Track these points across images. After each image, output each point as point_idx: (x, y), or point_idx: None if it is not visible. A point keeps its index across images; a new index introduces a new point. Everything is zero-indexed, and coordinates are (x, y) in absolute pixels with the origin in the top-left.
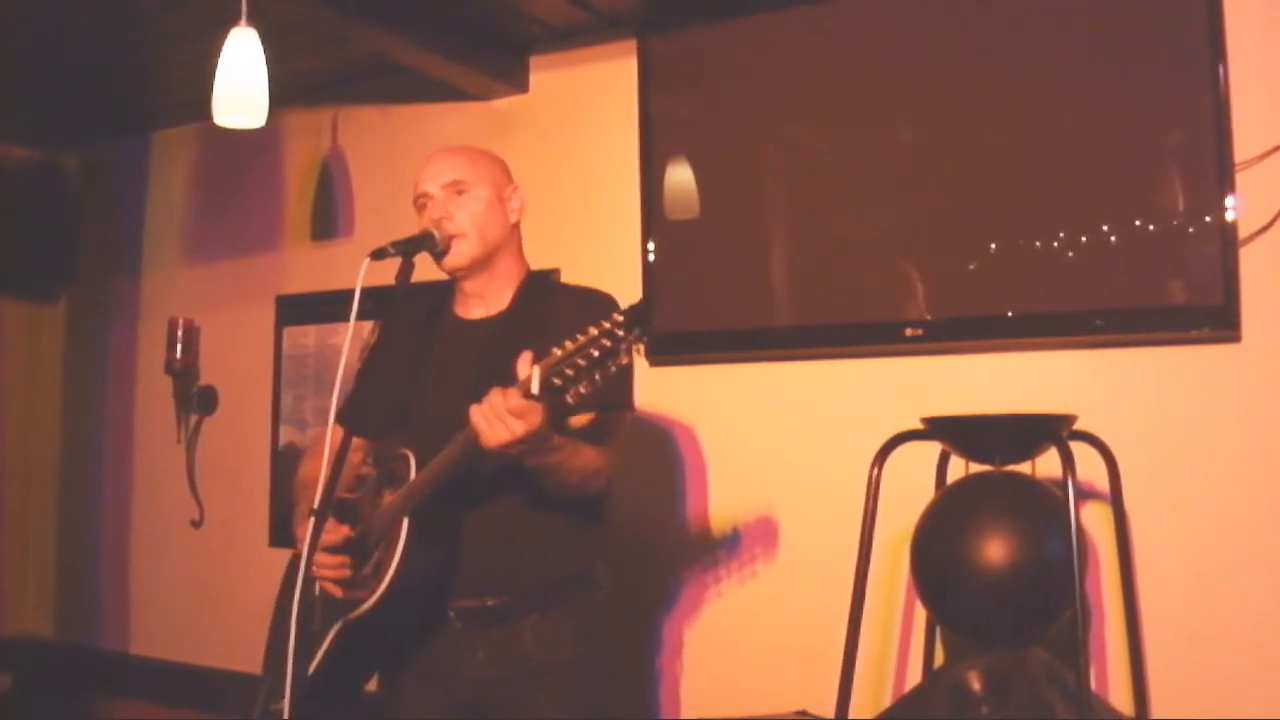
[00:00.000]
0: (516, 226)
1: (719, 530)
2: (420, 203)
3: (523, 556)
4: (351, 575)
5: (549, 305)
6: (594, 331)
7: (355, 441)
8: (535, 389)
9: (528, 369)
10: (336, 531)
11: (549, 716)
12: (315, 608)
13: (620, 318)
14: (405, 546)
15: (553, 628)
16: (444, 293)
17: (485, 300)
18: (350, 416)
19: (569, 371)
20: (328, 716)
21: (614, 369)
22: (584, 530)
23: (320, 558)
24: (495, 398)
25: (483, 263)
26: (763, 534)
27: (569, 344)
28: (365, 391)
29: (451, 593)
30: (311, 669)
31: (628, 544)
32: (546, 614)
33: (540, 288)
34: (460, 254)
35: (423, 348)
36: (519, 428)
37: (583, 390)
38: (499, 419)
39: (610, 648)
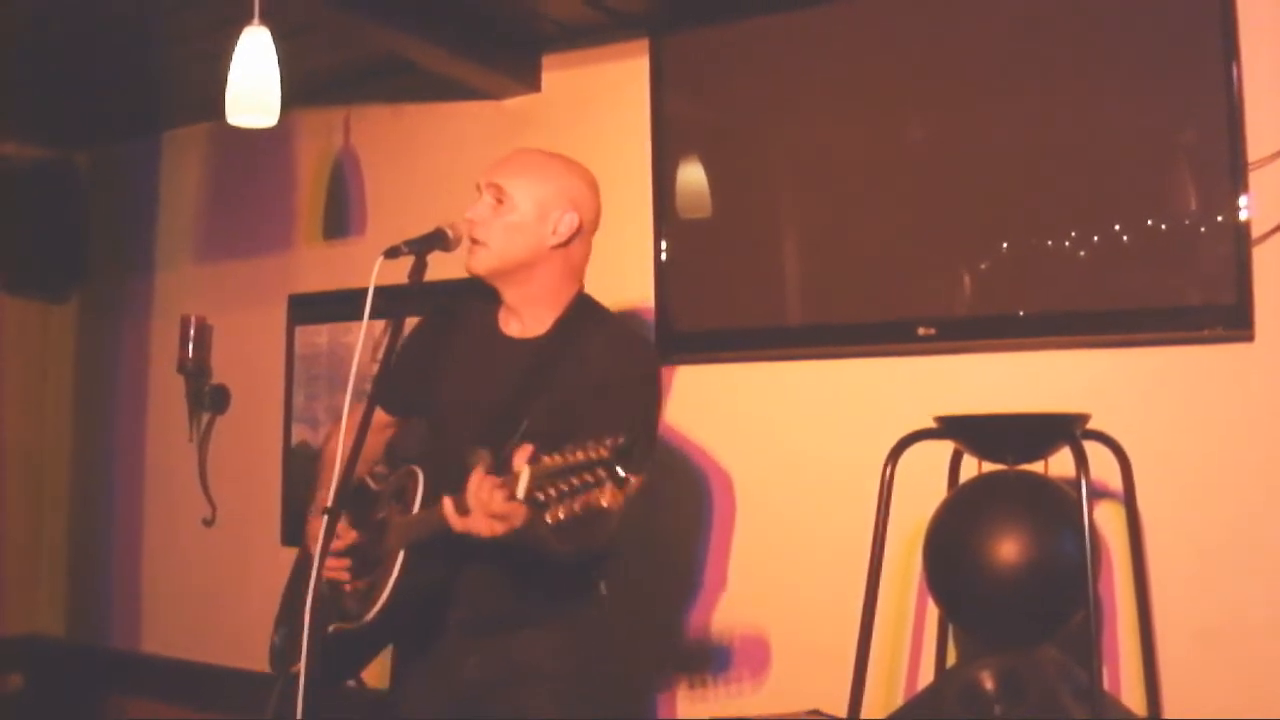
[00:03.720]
0: (560, 248)
1: (730, 527)
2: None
3: (519, 570)
4: (351, 583)
5: (589, 339)
6: (580, 456)
7: (385, 419)
8: (521, 493)
9: (519, 463)
10: (347, 533)
11: (542, 718)
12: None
13: (605, 453)
14: (396, 581)
15: (545, 640)
16: (496, 302)
17: (524, 320)
18: (385, 392)
19: (551, 491)
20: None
21: (594, 508)
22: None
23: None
24: (484, 494)
25: (505, 276)
26: (774, 532)
27: (558, 457)
28: (404, 372)
29: (451, 603)
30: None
31: (638, 540)
32: (540, 626)
33: (584, 316)
34: (477, 261)
35: (461, 352)
36: (500, 528)
37: (561, 515)
38: (483, 517)
39: (613, 652)
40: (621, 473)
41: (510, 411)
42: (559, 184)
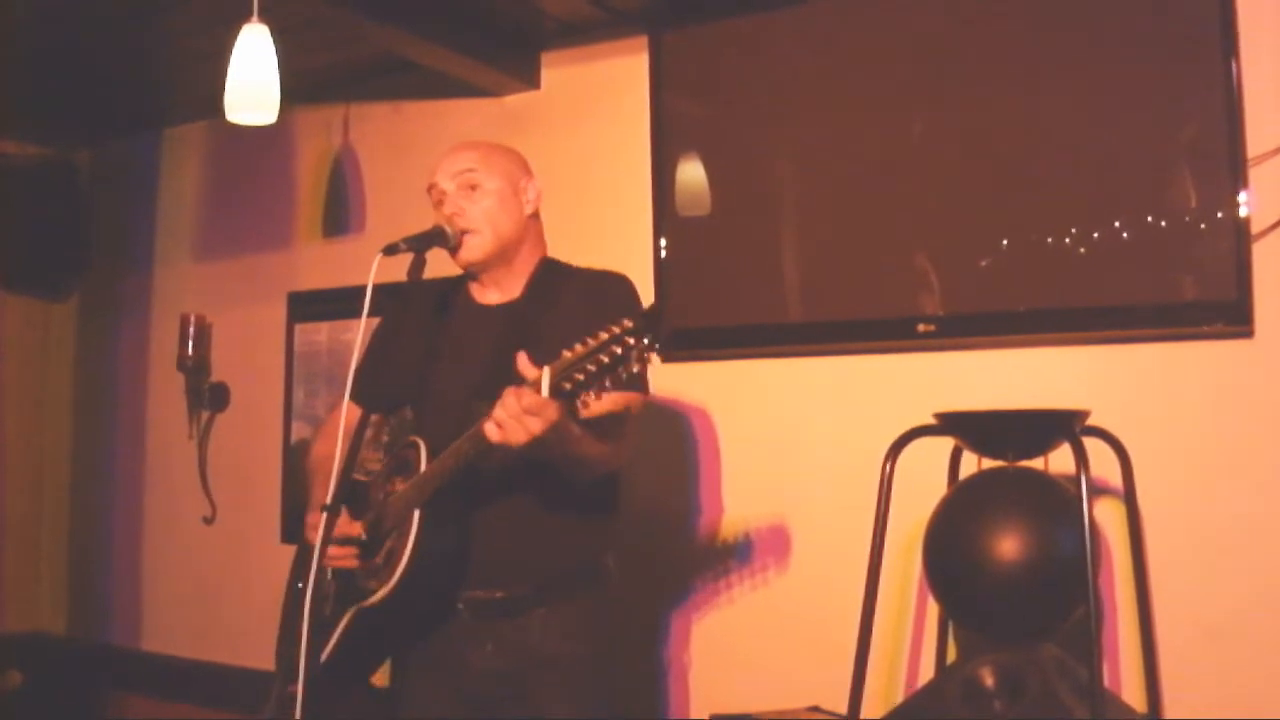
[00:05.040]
0: (534, 218)
1: (731, 526)
2: (434, 196)
3: (532, 548)
4: (364, 564)
5: (564, 288)
6: (604, 336)
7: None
8: (545, 392)
9: (533, 371)
10: (349, 525)
11: (556, 716)
12: (329, 595)
13: (630, 323)
14: (417, 537)
15: (561, 620)
16: (457, 279)
17: (501, 287)
18: (364, 393)
19: (579, 376)
20: (340, 700)
21: (625, 377)
22: (594, 522)
23: (331, 549)
24: (510, 400)
25: (498, 256)
26: (775, 530)
27: (579, 347)
28: (378, 368)
29: (462, 583)
30: (325, 655)
31: (640, 538)
32: (555, 606)
33: (554, 272)
34: (474, 249)
35: (438, 330)
36: (537, 425)
37: (593, 397)
38: (516, 420)
39: (620, 642)
40: (648, 340)
41: (503, 371)
42: (510, 160)
